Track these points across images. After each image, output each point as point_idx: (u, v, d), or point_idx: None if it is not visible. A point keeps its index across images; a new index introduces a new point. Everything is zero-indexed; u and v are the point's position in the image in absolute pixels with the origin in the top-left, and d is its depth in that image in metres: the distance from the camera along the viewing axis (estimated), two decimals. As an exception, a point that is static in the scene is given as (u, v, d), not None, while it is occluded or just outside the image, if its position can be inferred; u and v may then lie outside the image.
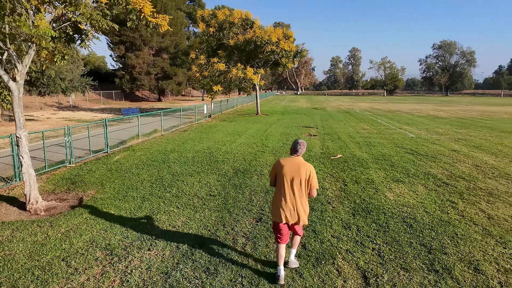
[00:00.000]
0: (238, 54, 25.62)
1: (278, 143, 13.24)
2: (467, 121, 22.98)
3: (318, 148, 12.30)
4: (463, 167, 9.52)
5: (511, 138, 15.04)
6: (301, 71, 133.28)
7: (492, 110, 36.18)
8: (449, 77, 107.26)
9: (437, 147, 12.63)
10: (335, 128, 18.62)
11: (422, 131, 17.39)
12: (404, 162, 10.14)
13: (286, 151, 11.73)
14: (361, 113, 29.85)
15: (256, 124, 20.07)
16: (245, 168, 9.30)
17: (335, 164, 9.83)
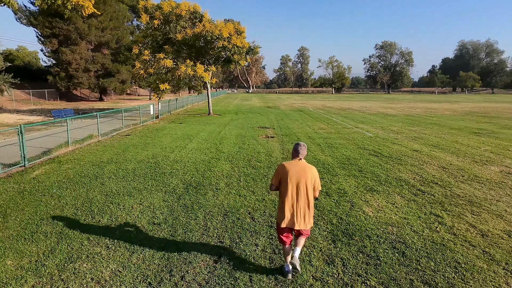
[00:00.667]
0: (187, 50, 23.80)
1: (234, 148, 11.92)
2: (416, 118, 23.61)
3: (279, 153, 11.21)
4: (431, 170, 9.00)
5: (462, 136, 15.28)
6: (252, 69, 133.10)
7: (433, 107, 38.29)
8: (391, 76, 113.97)
9: (398, 147, 12.22)
10: (293, 128, 17.78)
11: (378, 130, 17.20)
12: (371, 166, 9.40)
13: (243, 157, 10.47)
14: (315, 112, 29.63)
15: (208, 126, 18.54)
16: (198, 181, 7.86)
17: (300, 171, 8.77)
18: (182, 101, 34.07)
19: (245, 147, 12.07)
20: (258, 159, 10.18)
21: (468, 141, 13.66)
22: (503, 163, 9.81)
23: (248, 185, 7.60)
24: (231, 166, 9.33)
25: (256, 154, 10.87)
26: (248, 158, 10.30)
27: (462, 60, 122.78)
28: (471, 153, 11.30)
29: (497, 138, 14.62)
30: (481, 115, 26.44)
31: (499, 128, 18.33)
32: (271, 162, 9.84)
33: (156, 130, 16.79)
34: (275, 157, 10.47)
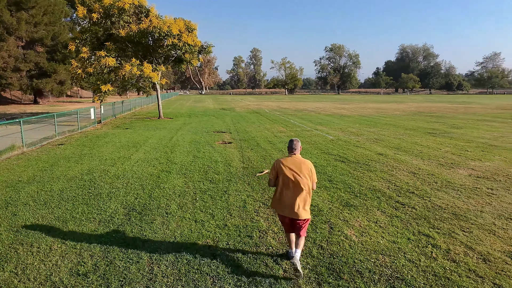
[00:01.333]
0: (132, 47, 21.72)
1: (187, 157, 10.53)
2: (371, 119, 23.84)
3: (238, 161, 10.05)
4: (402, 176, 8.43)
5: (419, 137, 15.32)
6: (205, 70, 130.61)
7: (382, 107, 39.68)
8: (340, 77, 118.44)
9: (362, 151, 11.68)
10: (250, 132, 16.72)
11: (338, 132, 16.77)
12: (340, 174, 8.61)
13: (199, 168, 9.15)
14: (271, 113, 28.93)
15: (158, 131, 16.81)
16: (144, 203, 6.43)
17: (265, 184, 7.69)
18: (129, 103, 31.48)
19: (200, 156, 10.73)
20: (216, 170, 8.92)
21: (426, 142, 13.61)
22: (468, 166, 9.59)
23: (205, 205, 6.34)
24: (185, 180, 7.98)
25: (213, 164, 9.60)
26: (205, 170, 9.00)
27: (403, 63, 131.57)
28: (434, 155, 11.06)
29: (452, 138, 14.83)
30: (428, 115, 27.57)
31: (449, 127, 18.89)
32: (231, 173, 8.65)
33: (97, 137, 14.74)
34: (234, 167, 9.28)
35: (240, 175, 8.48)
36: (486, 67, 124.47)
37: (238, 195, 6.93)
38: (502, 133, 16.57)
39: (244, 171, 8.93)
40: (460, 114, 28.88)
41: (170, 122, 21.37)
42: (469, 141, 13.98)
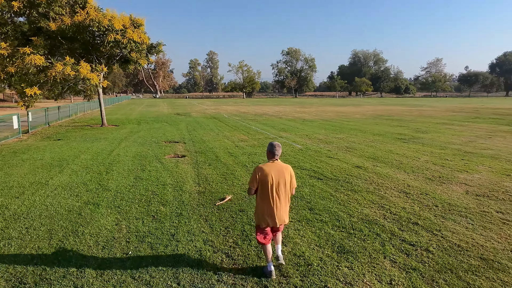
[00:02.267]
0: (68, 44, 18.68)
1: (127, 179, 8.27)
2: (335, 124, 22.84)
3: (193, 183, 8.01)
4: (394, 198, 6.95)
5: (390, 143, 14.28)
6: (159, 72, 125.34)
7: (341, 110, 39.47)
8: (297, 81, 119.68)
9: (337, 163, 10.19)
10: (208, 141, 14.66)
11: (305, 139, 15.29)
12: (321, 198, 6.94)
13: (140, 196, 6.99)
14: (230, 119, 26.99)
15: (97, 143, 14.14)
16: (45, 266, 4.19)
17: (227, 219, 5.77)
18: (68, 109, 27.77)
19: (144, 177, 8.52)
20: (162, 198, 6.82)
21: (401, 150, 12.52)
22: (459, 180, 8.41)
23: (142, 265, 4.27)
24: (117, 218, 5.79)
25: (160, 189, 7.46)
26: (148, 198, 6.85)
27: (356, 67, 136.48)
28: (417, 166, 9.85)
29: (424, 144, 13.96)
30: (388, 118, 27.34)
31: (414, 132, 18.30)
32: (182, 202, 6.60)
33: (14, 153, 11.81)
34: (188, 192, 7.24)
35: (195, 205, 6.46)
36: (430, 72, 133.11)
37: (191, 241, 4.93)
38: (467, 137, 16.15)
39: (199, 198, 6.92)
40: (418, 117, 29.09)
41: (114, 130, 18.58)
42: (442, 147, 13.14)
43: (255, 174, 3.86)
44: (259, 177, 3.81)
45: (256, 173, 3.85)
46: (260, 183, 3.82)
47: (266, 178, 3.77)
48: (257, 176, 3.83)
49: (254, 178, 3.85)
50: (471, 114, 32.07)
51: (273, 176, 3.78)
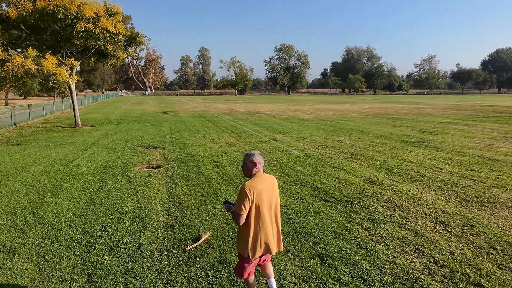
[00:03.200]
0: (34, 35, 16.48)
1: (75, 205, 6.29)
2: (333, 124, 21.02)
3: (161, 210, 6.07)
4: (433, 235, 5.11)
5: (400, 148, 12.50)
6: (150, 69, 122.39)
7: (337, 108, 37.74)
8: (290, 78, 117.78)
9: (345, 177, 8.34)
10: (191, 146, 12.69)
11: (303, 143, 13.41)
12: (333, 235, 5.07)
13: (83, 232, 5.04)
14: (220, 118, 25.00)
15: (60, 149, 12.07)
16: None
17: (200, 278, 3.86)
18: (42, 107, 25.45)
19: (99, 200, 6.54)
20: (113, 240, 4.87)
21: (415, 157, 10.74)
22: (502, 201, 6.62)
23: None
24: (32, 281, 3.84)
25: (114, 222, 5.51)
26: (92, 240, 4.90)
27: (349, 64, 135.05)
28: (442, 180, 8.05)
29: (438, 149, 12.21)
30: (388, 117, 25.64)
31: (421, 133, 16.58)
32: (140, 246, 4.66)
33: (-50, 164, 9.70)
34: (151, 226, 5.31)
35: (156, 251, 4.53)
36: (423, 69, 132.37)
37: (135, 334, 3.01)
38: (482, 139, 14.47)
39: (165, 236, 4.99)
40: (418, 115, 27.47)
41: (86, 132, 16.47)
42: (460, 153, 11.40)
43: (245, 195, 2.91)
44: (253, 198, 2.93)
45: (247, 194, 2.91)
46: (253, 205, 2.95)
47: (261, 197, 2.96)
48: (249, 196, 2.91)
49: (246, 200, 2.91)
50: (472, 113, 30.60)
51: (266, 193, 3.00)
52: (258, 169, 3.03)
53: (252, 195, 2.88)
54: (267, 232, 3.04)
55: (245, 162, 3.03)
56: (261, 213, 2.96)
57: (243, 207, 2.88)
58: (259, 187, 2.93)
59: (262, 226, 3.00)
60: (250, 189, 2.88)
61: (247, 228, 2.98)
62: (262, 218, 2.98)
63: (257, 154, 3.05)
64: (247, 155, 3.05)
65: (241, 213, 2.88)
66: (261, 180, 2.99)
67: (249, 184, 2.91)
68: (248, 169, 3.02)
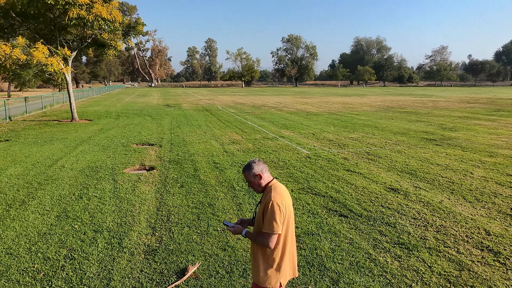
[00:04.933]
0: (26, 23, 15.50)
1: (44, 219, 5.31)
2: (344, 118, 19.79)
3: (145, 227, 5.06)
4: (482, 269, 4.01)
5: (420, 147, 11.31)
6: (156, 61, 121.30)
7: (347, 101, 36.33)
8: (298, 69, 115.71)
9: (362, 183, 7.23)
10: (190, 143, 11.67)
11: (312, 141, 12.29)
12: (356, 269, 4.00)
13: (42, 260, 4.06)
14: (225, 111, 23.91)
15: (48, 146, 11.14)
16: None
17: None
18: (41, 100, 24.62)
19: (73, 213, 5.56)
20: (77, 273, 3.87)
21: (439, 158, 9.55)
22: (557, 217, 5.47)
23: None
24: None
25: (84, 245, 4.51)
26: (51, 271, 3.91)
27: (358, 55, 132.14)
28: (477, 189, 6.90)
29: (463, 148, 11.00)
30: (402, 111, 24.27)
31: (440, 129, 15.30)
32: (108, 284, 3.65)
33: None
34: (128, 251, 4.30)
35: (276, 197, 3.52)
36: (434, 60, 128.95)
37: None
38: (509, 136, 13.19)
39: (144, 268, 3.97)
40: (433, 109, 26.03)
41: (81, 127, 15.54)
42: (490, 154, 10.17)
43: (280, 211, 2.38)
44: (285, 213, 2.43)
45: (281, 210, 2.39)
46: (285, 221, 2.45)
47: (290, 210, 2.50)
48: (283, 212, 2.41)
49: (281, 217, 2.39)
50: (490, 106, 29.03)
51: (291, 204, 2.55)
52: (268, 178, 2.56)
53: (285, 209, 2.45)
54: (292, 251, 2.62)
55: (248, 179, 2.56)
56: (289, 229, 2.54)
57: (279, 225, 2.38)
58: (287, 198, 2.51)
59: (292, 244, 2.59)
60: (282, 203, 2.43)
61: (277, 249, 2.47)
62: (291, 235, 2.56)
63: (255, 163, 2.56)
64: (244, 171, 2.56)
65: (278, 232, 2.39)
66: (284, 191, 2.55)
67: (278, 198, 2.44)
68: (256, 184, 2.55)
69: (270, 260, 2.48)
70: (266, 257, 2.48)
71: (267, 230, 2.36)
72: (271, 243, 2.39)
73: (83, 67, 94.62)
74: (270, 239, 2.38)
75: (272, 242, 2.39)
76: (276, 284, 2.50)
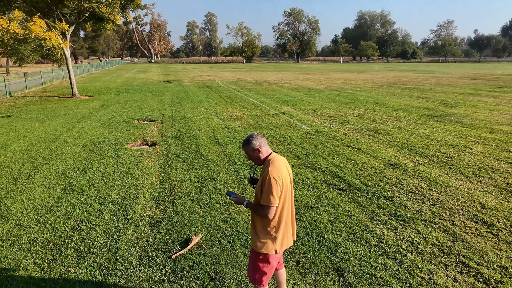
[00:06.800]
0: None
1: (50, 192, 5.44)
2: (345, 95, 19.66)
3: (149, 200, 5.21)
4: (476, 240, 4.16)
5: (421, 123, 11.33)
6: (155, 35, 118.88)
7: (349, 78, 35.93)
8: (300, 45, 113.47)
9: (362, 158, 7.33)
10: (192, 119, 11.70)
11: (313, 117, 12.30)
12: (353, 239, 4.15)
13: (51, 231, 4.22)
14: (225, 87, 23.74)
15: (51, 122, 11.19)
16: None
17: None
18: (40, 76, 24.41)
19: (79, 186, 5.69)
20: (85, 242, 4.04)
21: (440, 134, 9.61)
22: (551, 192, 5.58)
23: None
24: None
25: (91, 216, 4.66)
26: (60, 241, 4.07)
27: (361, 30, 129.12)
28: (474, 164, 6.99)
29: (463, 124, 11.02)
30: (404, 88, 24.06)
31: (441, 105, 15.25)
32: (116, 252, 3.82)
33: None
34: (134, 223, 4.45)
35: (135, 262, 3.68)
36: (439, 35, 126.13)
37: None
38: (510, 113, 13.17)
39: (149, 238, 4.13)
40: (436, 85, 25.78)
41: (82, 103, 15.52)
42: (490, 130, 10.20)
43: (276, 184, 2.50)
44: (282, 186, 2.56)
45: (278, 183, 2.52)
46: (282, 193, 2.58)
47: (286, 183, 2.61)
48: (280, 185, 2.54)
49: (278, 190, 2.51)
50: (494, 82, 28.72)
51: (289, 175, 2.69)
52: (266, 152, 2.66)
53: (282, 182, 2.56)
54: (288, 221, 2.75)
55: (247, 153, 2.68)
56: (286, 201, 2.65)
57: (276, 198, 2.50)
58: (284, 172, 2.61)
59: (288, 215, 2.72)
60: (279, 176, 2.53)
61: (274, 220, 2.63)
62: (287, 206, 2.69)
63: (254, 138, 2.64)
64: (244, 145, 2.67)
65: (275, 204, 2.51)
66: (281, 164, 2.65)
67: (275, 172, 2.54)
68: (255, 158, 2.65)
69: (267, 229, 2.62)
70: (264, 226, 2.62)
71: (264, 202, 2.49)
72: (270, 215, 2.52)
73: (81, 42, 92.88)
74: (267, 211, 2.51)
75: (270, 214, 2.52)
76: (272, 251, 2.64)
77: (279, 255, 2.76)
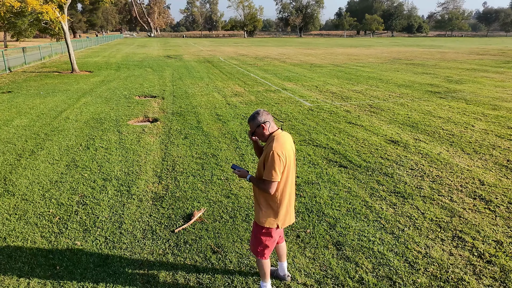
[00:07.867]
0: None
1: (54, 168, 5.52)
2: (348, 70, 19.38)
3: (151, 176, 5.28)
4: (473, 215, 4.24)
5: (424, 100, 11.23)
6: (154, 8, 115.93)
7: (353, 53, 35.24)
8: (303, 18, 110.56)
9: (363, 135, 7.34)
10: (193, 95, 11.63)
11: (315, 93, 12.20)
12: (353, 215, 4.23)
13: (56, 205, 4.32)
14: (226, 63, 23.40)
15: (51, 98, 11.15)
16: None
17: (188, 268, 3.12)
18: (39, 51, 24.05)
19: (82, 162, 5.76)
20: (90, 216, 4.14)
21: (442, 111, 9.55)
22: (551, 169, 5.62)
23: None
24: (-15, 273, 3.17)
25: (95, 191, 4.75)
26: (65, 215, 4.17)
27: (366, 3, 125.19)
28: (476, 141, 6.99)
29: (467, 101, 10.92)
30: (409, 63, 23.65)
31: (446, 82, 15.05)
32: (120, 226, 3.93)
33: None
34: (137, 198, 4.54)
35: (140, 235, 3.79)
36: (447, 8, 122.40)
37: None
38: (516, 90, 13.01)
39: (153, 213, 4.23)
40: (441, 61, 25.33)
41: (83, 79, 15.38)
42: (493, 106, 10.12)
43: (279, 160, 2.51)
44: (285, 162, 2.56)
45: (281, 159, 2.52)
46: (285, 169, 2.59)
47: (290, 159, 2.61)
48: (283, 161, 2.54)
49: (280, 166, 2.52)
50: (500, 58, 28.18)
51: (293, 153, 2.68)
52: (271, 128, 2.65)
53: (285, 159, 2.56)
54: (292, 197, 2.78)
55: (252, 130, 2.67)
56: (289, 177, 2.67)
57: (278, 174, 2.51)
58: (288, 148, 2.60)
59: (291, 191, 2.74)
60: (282, 152, 2.53)
61: (277, 195, 2.65)
62: (291, 182, 2.70)
63: (259, 114, 2.65)
64: (249, 121, 2.68)
65: (277, 180, 2.52)
66: (286, 140, 2.64)
67: (279, 148, 2.54)
68: (260, 134, 2.65)
69: (269, 203, 2.66)
70: (266, 201, 2.66)
71: (266, 177, 2.51)
72: (271, 190, 2.55)
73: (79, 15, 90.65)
74: (269, 186, 2.54)
75: (272, 189, 2.55)
76: (273, 225, 2.70)
77: (280, 230, 2.81)
